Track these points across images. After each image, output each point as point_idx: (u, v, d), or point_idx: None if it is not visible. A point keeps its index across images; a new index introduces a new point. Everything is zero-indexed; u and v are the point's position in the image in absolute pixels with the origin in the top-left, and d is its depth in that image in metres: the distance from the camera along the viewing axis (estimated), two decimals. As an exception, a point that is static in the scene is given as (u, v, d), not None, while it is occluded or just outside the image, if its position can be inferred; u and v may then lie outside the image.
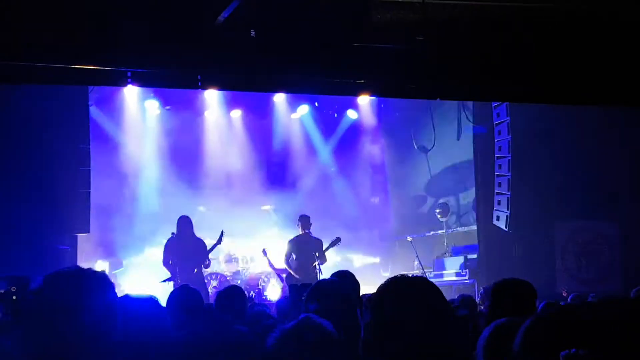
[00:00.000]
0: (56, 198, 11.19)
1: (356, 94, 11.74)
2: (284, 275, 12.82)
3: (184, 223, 11.55)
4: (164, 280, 11.11)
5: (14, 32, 6.72)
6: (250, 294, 12.13)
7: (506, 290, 4.30)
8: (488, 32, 7.63)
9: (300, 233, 11.86)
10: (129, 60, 7.45)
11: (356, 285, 5.46)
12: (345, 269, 6.20)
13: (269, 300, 12.62)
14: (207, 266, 11.89)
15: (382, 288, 2.75)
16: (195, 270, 11.34)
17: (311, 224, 11.87)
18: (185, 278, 10.87)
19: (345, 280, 5.09)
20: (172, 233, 11.64)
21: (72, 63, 7.19)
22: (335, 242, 11.86)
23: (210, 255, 11.82)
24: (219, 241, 11.85)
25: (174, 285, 10.69)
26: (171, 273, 11.21)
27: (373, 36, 7.22)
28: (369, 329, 2.68)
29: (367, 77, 7.93)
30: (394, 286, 2.73)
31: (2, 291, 7.08)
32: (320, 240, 11.88)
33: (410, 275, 2.81)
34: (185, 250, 11.30)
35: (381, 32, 7.14)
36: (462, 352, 2.89)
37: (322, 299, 3.76)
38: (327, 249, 11.78)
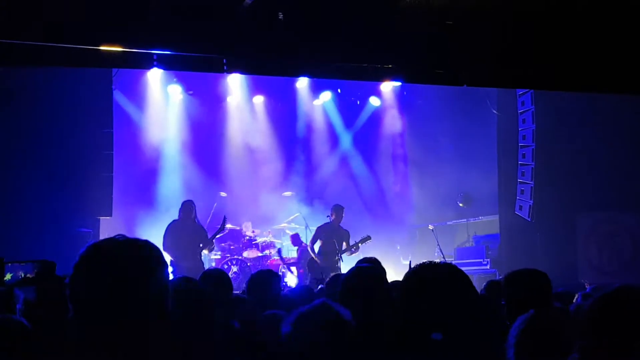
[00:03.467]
0: (79, 181, 11.25)
1: (383, 79, 11.66)
2: (293, 269, 12.93)
3: (185, 208, 11.24)
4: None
5: (40, 13, 6.72)
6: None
7: (519, 281, 4.23)
8: (517, 18, 7.53)
9: (330, 221, 11.96)
10: (155, 42, 7.43)
11: (382, 271, 5.44)
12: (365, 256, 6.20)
13: (289, 287, 12.65)
14: (211, 250, 11.73)
15: (410, 274, 2.72)
16: (194, 255, 10.98)
17: (343, 215, 11.88)
18: (183, 264, 10.59)
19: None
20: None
21: (98, 45, 7.17)
22: (364, 240, 11.83)
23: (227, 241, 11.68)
24: (222, 227, 11.53)
25: (173, 270, 10.37)
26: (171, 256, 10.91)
27: (402, 21, 7.15)
28: (399, 315, 2.66)
29: (395, 62, 7.85)
30: (423, 273, 2.70)
31: (31, 275, 7.12)
32: (348, 232, 11.95)
33: (438, 262, 2.77)
34: (184, 236, 10.99)
35: (410, 16, 7.06)
36: (490, 334, 2.86)
37: (355, 284, 3.72)
38: (355, 244, 11.77)
